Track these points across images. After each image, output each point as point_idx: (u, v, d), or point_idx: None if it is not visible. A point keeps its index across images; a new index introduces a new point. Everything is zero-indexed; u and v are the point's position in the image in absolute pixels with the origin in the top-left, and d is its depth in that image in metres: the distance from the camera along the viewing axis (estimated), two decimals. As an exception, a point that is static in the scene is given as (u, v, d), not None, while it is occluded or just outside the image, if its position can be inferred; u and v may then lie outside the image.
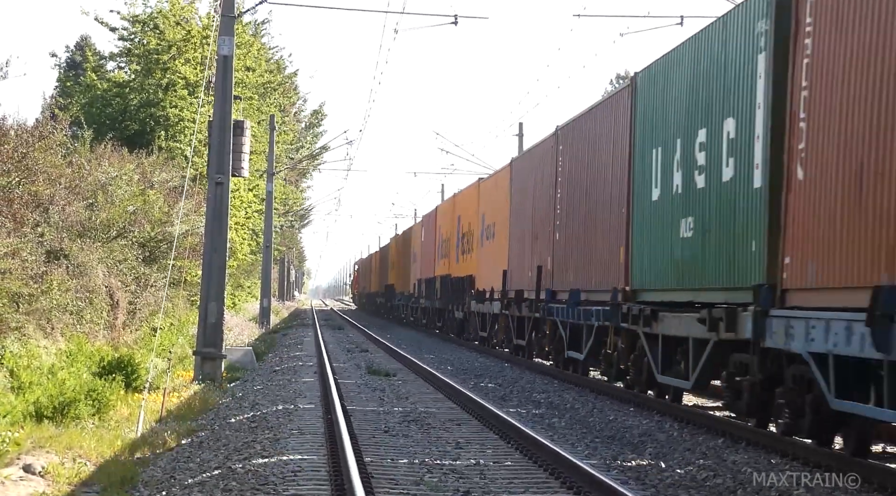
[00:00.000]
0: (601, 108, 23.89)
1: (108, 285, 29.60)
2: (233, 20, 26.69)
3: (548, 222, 27.74)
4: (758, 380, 15.56)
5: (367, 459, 13.71)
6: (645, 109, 20.49)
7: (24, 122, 30.45)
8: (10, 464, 14.57)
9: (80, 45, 58.71)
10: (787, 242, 14.24)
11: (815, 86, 13.69)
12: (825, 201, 13.31)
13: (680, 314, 18.24)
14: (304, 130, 74.81)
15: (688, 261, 18.03)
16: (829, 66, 13.34)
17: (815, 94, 13.68)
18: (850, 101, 12.81)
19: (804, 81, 13.93)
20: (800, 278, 13.89)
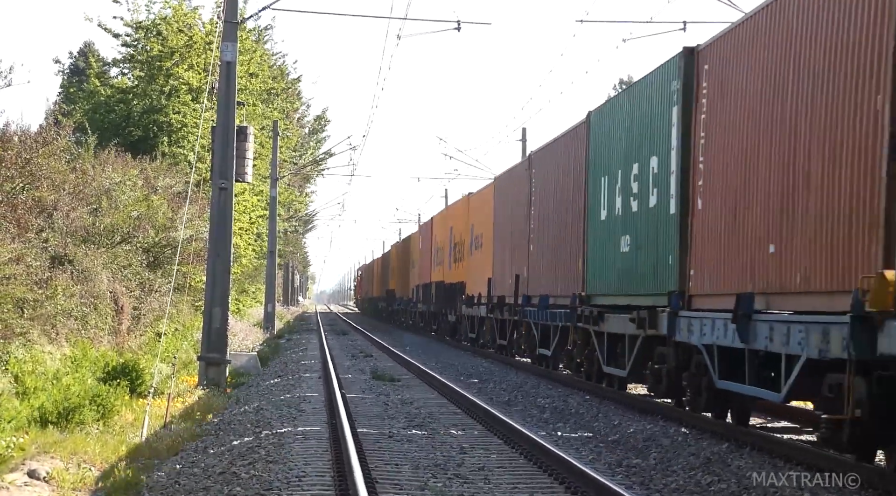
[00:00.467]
0: (564, 138, 27.38)
1: (113, 290, 29.63)
2: (236, 26, 26.74)
3: (524, 236, 31.08)
4: (672, 367, 19.18)
5: (371, 464, 13.71)
6: (596, 143, 24.00)
7: (28, 128, 30.53)
8: (15, 470, 14.59)
9: (84, 51, 58.84)
10: (691, 258, 18.16)
11: (708, 136, 17.61)
12: (714, 226, 17.21)
13: (619, 315, 21.79)
14: (307, 136, 74.87)
15: (626, 271, 21.59)
16: (716, 121, 17.26)
17: (708, 142, 17.59)
18: (727, 149, 16.79)
19: (701, 132, 17.86)
20: (700, 286, 17.82)
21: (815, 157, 13.96)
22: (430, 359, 35.75)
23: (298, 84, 66.34)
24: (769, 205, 15.29)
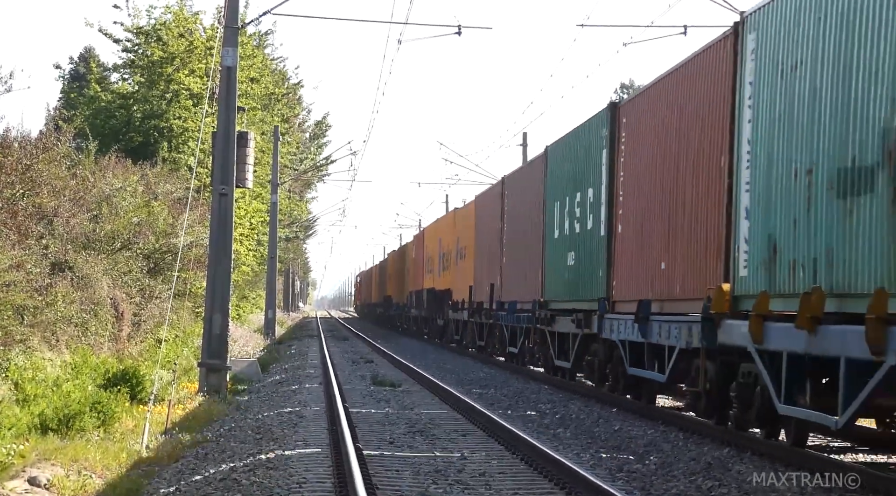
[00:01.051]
0: (528, 167, 32.73)
1: (113, 297, 29.62)
2: (236, 31, 26.73)
3: (498, 249, 35.49)
4: (602, 359, 24.11)
5: (371, 470, 13.70)
6: (551, 173, 28.41)
7: (28, 133, 30.52)
8: (16, 477, 14.57)
9: (85, 56, 58.82)
10: (614, 271, 22.85)
11: (626, 174, 22.31)
12: (629, 246, 21.91)
13: (565, 317, 26.34)
14: (308, 141, 74.87)
15: (571, 281, 26.13)
16: (631, 162, 22.03)
17: (626, 179, 22.28)
18: (637, 185, 21.59)
19: (621, 171, 22.59)
20: (619, 294, 22.55)
21: (689, 196, 18.81)
22: (429, 364, 35.94)
23: (300, 89, 66.38)
24: (661, 231, 20.09)
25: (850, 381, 12.84)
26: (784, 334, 14.24)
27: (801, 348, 13.74)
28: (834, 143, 13.41)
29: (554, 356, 28.15)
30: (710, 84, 18.07)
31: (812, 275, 13.75)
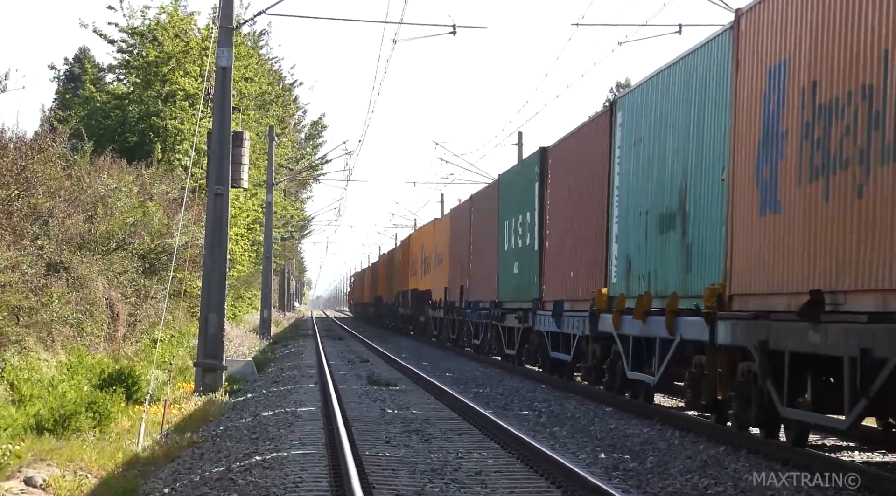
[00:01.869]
0: (488, 188, 39.66)
1: (109, 297, 29.60)
2: (231, 31, 26.72)
3: (467, 257, 41.99)
4: (535, 347, 30.83)
5: (367, 469, 13.70)
6: (503, 197, 35.02)
7: (24, 134, 30.49)
8: (12, 477, 14.57)
9: (79, 57, 58.79)
10: (543, 278, 28.94)
11: (551, 203, 28.52)
12: (553, 259, 28.09)
13: (512, 314, 32.82)
14: (303, 141, 74.84)
15: (517, 285, 32.26)
16: (555, 193, 28.14)
17: (551, 207, 28.55)
18: (558, 210, 27.78)
19: (548, 200, 28.81)
20: (546, 296, 28.58)
21: (586, 224, 24.94)
22: (425, 363, 35.94)
23: (295, 89, 66.36)
24: (571, 248, 26.29)
25: (662, 354, 19.45)
26: (630, 323, 20.92)
27: (638, 332, 20.55)
28: (657, 196, 20.15)
29: (505, 346, 35.23)
30: (596, 145, 24.45)
31: (647, 283, 20.37)
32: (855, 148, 12.73)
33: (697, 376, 18.37)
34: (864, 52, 12.77)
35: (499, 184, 35.84)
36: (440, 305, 48.74)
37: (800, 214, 14.12)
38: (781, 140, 14.94)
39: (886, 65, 12.27)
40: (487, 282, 36.94)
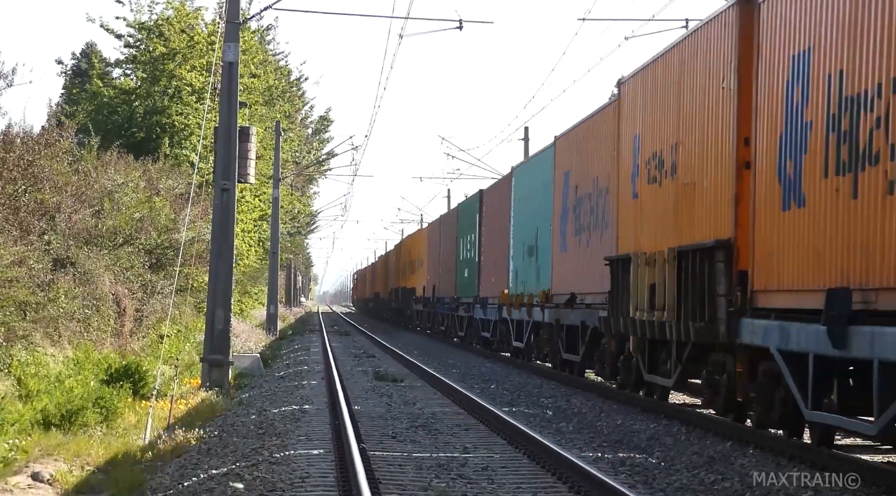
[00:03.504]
0: (450, 213, 52.61)
1: (115, 293, 29.62)
2: (238, 26, 26.71)
3: (437, 261, 53.27)
4: (474, 330, 42.14)
5: (374, 464, 13.70)
6: (459, 220, 46.98)
7: (31, 129, 30.51)
8: (19, 472, 14.59)
9: (86, 52, 58.73)
10: (481, 280, 39.72)
11: (485, 229, 39.78)
12: (486, 268, 39.05)
13: (463, 306, 44.25)
14: (310, 136, 74.82)
15: (466, 285, 43.55)
16: (488, 223, 39.21)
17: (485, 231, 39.84)
18: (490, 234, 39.06)
19: (484, 228, 40.11)
20: (482, 293, 39.26)
21: (499, 246, 36.28)
22: (431, 359, 35.98)
23: (302, 84, 66.32)
24: (493, 262, 37.68)
25: (522, 329, 32.78)
26: (514, 312, 33.07)
27: (517, 317, 33.02)
28: (527, 235, 32.14)
29: (458, 330, 46.97)
30: (504, 196, 36.48)
31: (523, 287, 32.16)
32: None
33: (542, 341, 30.65)
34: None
35: (457, 211, 49.07)
36: (420, 300, 59.68)
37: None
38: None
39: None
40: (449, 282, 48.28)
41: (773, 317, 15.01)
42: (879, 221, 12.54)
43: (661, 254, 19.11)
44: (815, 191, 14.15)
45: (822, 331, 13.15)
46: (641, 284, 20.00)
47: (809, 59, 14.33)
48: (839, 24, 13.56)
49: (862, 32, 13.00)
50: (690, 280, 17.78)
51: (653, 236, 20.05)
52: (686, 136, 18.64)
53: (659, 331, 19.04)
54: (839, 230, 13.43)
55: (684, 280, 18.07)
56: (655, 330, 19.20)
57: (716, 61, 17.47)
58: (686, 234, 18.35)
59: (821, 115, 13.96)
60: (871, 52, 12.83)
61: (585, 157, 25.79)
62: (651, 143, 20.39)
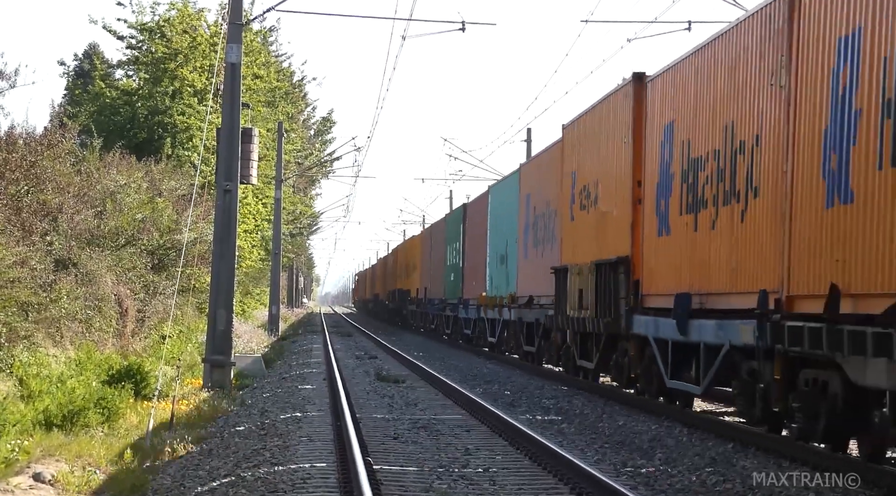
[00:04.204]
0: (439, 223, 57.45)
1: (117, 293, 29.63)
2: (240, 28, 26.73)
3: (428, 266, 58.42)
4: (458, 328, 47.79)
5: (376, 466, 13.70)
6: (446, 229, 51.81)
7: (33, 130, 30.52)
8: (20, 473, 14.60)
9: (89, 53, 58.79)
10: (464, 284, 45.15)
11: (467, 239, 45.51)
12: (467, 273, 44.87)
13: (449, 306, 49.00)
14: (313, 137, 74.83)
15: (452, 288, 48.23)
16: (469, 233, 45.08)
17: (467, 241, 45.50)
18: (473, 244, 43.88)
19: (466, 237, 45.71)
20: (466, 295, 44.47)
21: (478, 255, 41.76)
22: (433, 360, 36.00)
23: (305, 85, 66.31)
24: (473, 268, 42.97)
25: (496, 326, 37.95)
26: (489, 312, 37.81)
27: (491, 316, 37.83)
28: (500, 245, 37.03)
29: (445, 329, 52.34)
30: (481, 210, 41.93)
31: (497, 290, 36.65)
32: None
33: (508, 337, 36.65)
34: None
35: (446, 220, 53.95)
36: (414, 301, 64.84)
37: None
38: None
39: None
40: (438, 285, 53.34)
41: (651, 315, 20.32)
42: (708, 248, 17.81)
43: (586, 265, 24.19)
44: (675, 223, 19.46)
45: (673, 324, 18.48)
46: (574, 289, 25.21)
47: (673, 127, 19.82)
48: (687, 104, 19.14)
49: (697, 114, 18.54)
50: (603, 286, 22.94)
51: (582, 251, 25.25)
52: (603, 176, 23.91)
53: (586, 326, 24.31)
54: (688, 253, 18.78)
55: (600, 286, 23.19)
56: (583, 325, 24.46)
57: (620, 121, 22.59)
58: (602, 250, 23.44)
59: (679, 169, 19.34)
60: (706, 128, 18.10)
61: (541, 184, 31.01)
62: (582, 178, 25.73)
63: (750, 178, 16.43)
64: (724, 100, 17.48)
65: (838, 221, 13.42)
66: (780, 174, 15.24)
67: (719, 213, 17.45)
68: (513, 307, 33.79)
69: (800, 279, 14.47)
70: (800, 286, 14.49)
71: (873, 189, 12.64)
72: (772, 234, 15.49)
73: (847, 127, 13.30)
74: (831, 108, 13.72)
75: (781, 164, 15.24)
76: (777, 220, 15.30)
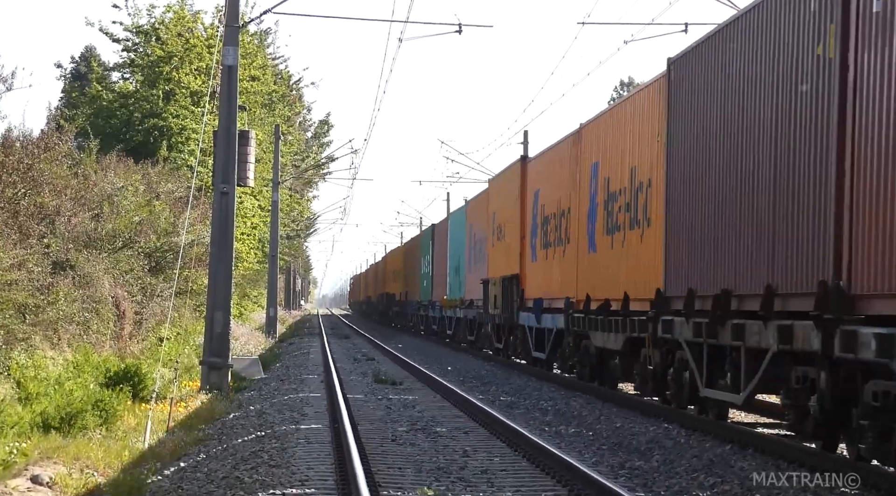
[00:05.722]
0: (416, 238, 66.80)
1: (115, 295, 29.62)
2: (237, 30, 26.72)
3: (408, 273, 67.00)
4: (431, 324, 56.99)
5: (374, 468, 13.70)
6: (420, 244, 62.03)
7: (30, 133, 30.51)
8: (18, 475, 14.60)
9: (86, 55, 58.76)
10: (433, 288, 54.34)
11: (435, 253, 54.13)
12: (435, 280, 53.98)
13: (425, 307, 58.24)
14: (310, 140, 74.82)
15: (425, 291, 57.44)
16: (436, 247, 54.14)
17: (435, 254, 54.20)
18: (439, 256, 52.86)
19: (435, 251, 54.27)
20: (434, 297, 53.64)
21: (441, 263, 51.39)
22: (430, 361, 36.01)
23: (301, 88, 66.28)
24: (440, 274, 51.74)
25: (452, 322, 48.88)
26: (449, 311, 47.79)
27: (449, 315, 48.55)
28: (455, 260, 46.97)
29: (421, 326, 61.51)
30: (444, 231, 51.08)
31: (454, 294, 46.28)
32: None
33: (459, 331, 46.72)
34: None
35: (421, 236, 63.65)
36: (397, 303, 73.91)
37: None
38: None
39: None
40: (415, 289, 62.33)
41: (527, 312, 30.69)
42: (568, 268, 26.75)
43: (498, 278, 35.01)
44: (539, 255, 30.29)
45: (533, 316, 29.77)
46: (492, 295, 35.72)
47: (538, 194, 30.56)
48: (549, 177, 29.23)
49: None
50: (505, 293, 33.46)
51: (496, 269, 36.16)
52: (506, 219, 34.79)
53: (495, 320, 35.87)
54: (545, 272, 29.31)
55: (504, 293, 33.63)
56: (495, 319, 35.72)
57: (512, 187, 33.70)
58: (506, 269, 33.98)
59: (539, 220, 30.13)
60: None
61: (477, 219, 42.15)
62: (497, 219, 36.54)
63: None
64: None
65: (593, 260, 24.51)
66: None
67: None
68: (462, 308, 44.71)
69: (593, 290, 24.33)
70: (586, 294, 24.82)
71: (602, 245, 23.72)
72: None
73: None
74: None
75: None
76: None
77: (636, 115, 21.60)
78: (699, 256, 17.50)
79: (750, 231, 15.52)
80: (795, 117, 14.25)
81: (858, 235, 12.74)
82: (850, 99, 12.86)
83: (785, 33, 14.65)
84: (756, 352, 15.42)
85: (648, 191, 20.51)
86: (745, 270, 15.75)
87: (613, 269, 22.62)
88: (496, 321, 35.54)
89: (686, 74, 18.73)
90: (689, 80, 18.54)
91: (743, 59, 16.04)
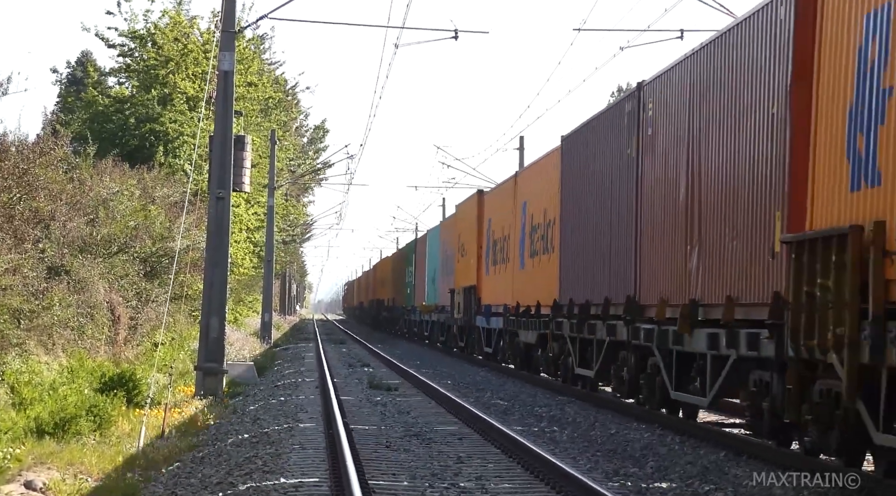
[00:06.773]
0: (401, 249, 75.47)
1: (110, 300, 29.59)
2: (233, 36, 26.72)
3: (395, 280, 71.93)
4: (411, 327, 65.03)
5: (368, 474, 13.69)
6: (406, 254, 68.06)
7: (25, 137, 30.46)
8: (12, 481, 14.57)
9: (82, 60, 58.75)
10: (415, 295, 60.24)
11: (417, 262, 61.16)
12: (417, 286, 60.12)
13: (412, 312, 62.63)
14: (306, 145, 74.81)
15: (409, 298, 64.22)
16: (417, 260, 61.46)
17: (417, 264, 61.04)
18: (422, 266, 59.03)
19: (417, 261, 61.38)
20: (416, 303, 58.88)
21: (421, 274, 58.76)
22: (425, 367, 35.98)
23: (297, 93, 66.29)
24: (420, 281, 58.35)
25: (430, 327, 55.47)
26: (426, 316, 54.59)
27: (427, 318, 55.00)
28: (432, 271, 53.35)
29: (404, 329, 67.17)
30: (423, 246, 58.81)
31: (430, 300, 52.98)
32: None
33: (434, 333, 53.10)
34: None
35: (406, 248, 69.48)
36: (386, 309, 79.52)
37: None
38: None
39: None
40: (401, 296, 67.89)
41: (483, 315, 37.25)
42: (507, 281, 33.98)
43: (461, 288, 41.72)
44: (491, 270, 36.91)
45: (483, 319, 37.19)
46: (456, 301, 41.94)
47: (490, 222, 38.01)
48: (497, 210, 36.66)
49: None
50: (466, 300, 40.16)
51: (460, 280, 42.70)
52: (468, 240, 41.76)
53: (457, 323, 42.93)
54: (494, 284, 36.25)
55: (465, 300, 40.27)
56: (460, 322, 42.22)
57: (472, 214, 41.15)
58: (467, 280, 40.98)
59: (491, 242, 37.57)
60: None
61: (447, 237, 48.82)
62: (462, 239, 43.46)
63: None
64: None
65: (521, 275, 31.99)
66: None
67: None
68: (436, 312, 50.82)
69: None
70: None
71: (528, 264, 31.37)
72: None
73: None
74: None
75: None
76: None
77: (546, 169, 29.08)
78: (576, 276, 25.24)
79: (600, 261, 23.35)
80: (617, 191, 22.44)
81: (643, 269, 20.62)
82: (637, 179, 21.08)
83: (611, 139, 23.16)
84: (600, 342, 23.07)
85: (552, 227, 28.13)
86: (597, 287, 23.41)
87: (533, 283, 30.18)
88: (459, 323, 43.15)
89: (570, 148, 26.73)
90: (570, 153, 26.65)
91: (592, 150, 24.65)
